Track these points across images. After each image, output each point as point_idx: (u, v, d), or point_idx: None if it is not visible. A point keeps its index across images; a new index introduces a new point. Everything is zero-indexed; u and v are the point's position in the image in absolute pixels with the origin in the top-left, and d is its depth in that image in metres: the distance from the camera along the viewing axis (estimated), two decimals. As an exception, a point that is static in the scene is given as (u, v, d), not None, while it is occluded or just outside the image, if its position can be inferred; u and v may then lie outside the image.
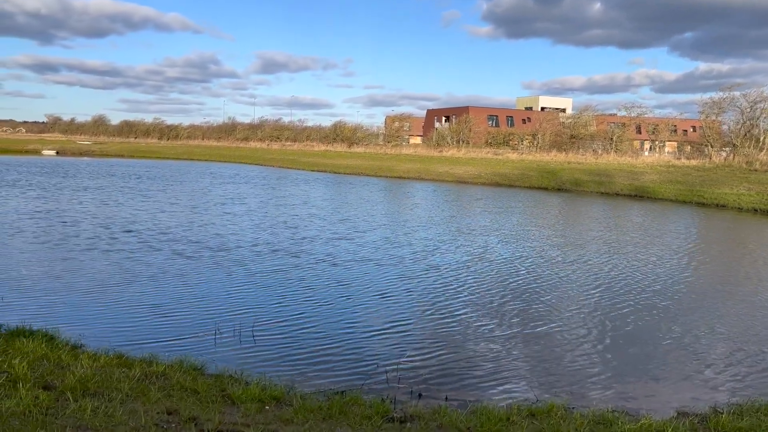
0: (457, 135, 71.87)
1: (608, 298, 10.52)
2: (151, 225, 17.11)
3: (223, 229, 16.79)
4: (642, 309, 9.92)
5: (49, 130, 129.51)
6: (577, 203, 29.49)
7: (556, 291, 11.00)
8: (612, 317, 9.37)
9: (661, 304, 10.23)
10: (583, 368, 7.26)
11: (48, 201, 22.20)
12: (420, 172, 45.72)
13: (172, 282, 10.57)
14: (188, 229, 16.50)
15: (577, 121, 64.38)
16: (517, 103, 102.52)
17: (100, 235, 14.96)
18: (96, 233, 15.26)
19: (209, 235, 15.72)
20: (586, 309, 9.83)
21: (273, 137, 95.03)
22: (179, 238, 15.04)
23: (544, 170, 41.67)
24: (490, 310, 9.60)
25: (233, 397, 5.26)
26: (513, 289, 10.99)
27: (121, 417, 4.32)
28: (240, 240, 15.08)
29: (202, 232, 16.21)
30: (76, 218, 17.84)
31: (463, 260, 13.51)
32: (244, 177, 41.16)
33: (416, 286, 10.97)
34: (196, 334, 7.88)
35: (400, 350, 7.61)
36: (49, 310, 8.69)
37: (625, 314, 9.57)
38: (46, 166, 45.24)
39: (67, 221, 17.16)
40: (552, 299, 10.40)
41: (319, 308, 9.33)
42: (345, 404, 5.31)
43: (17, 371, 5.02)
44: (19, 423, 3.92)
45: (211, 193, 28.46)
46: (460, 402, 6.06)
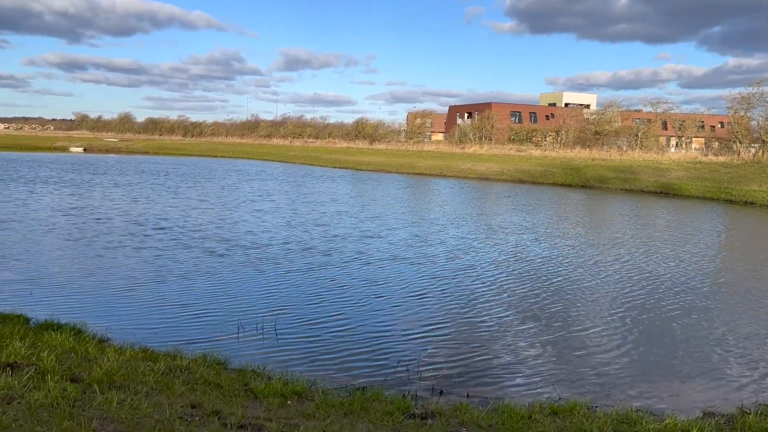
0: (479, 131, 71.44)
1: (636, 297, 10.39)
2: (183, 222, 17.21)
3: (254, 227, 16.78)
4: (670, 308, 9.77)
5: (76, 127, 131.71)
6: (604, 200, 29.12)
7: (583, 289, 10.89)
8: (639, 316, 9.25)
9: (690, 303, 10.07)
10: (608, 367, 7.18)
11: (81, 198, 22.55)
12: (442, 169, 45.56)
13: (199, 279, 10.65)
14: (219, 227, 16.53)
15: (602, 117, 63.50)
16: (541, 99, 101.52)
17: (132, 232, 15.10)
18: (128, 230, 15.41)
19: (240, 233, 15.70)
20: (612, 307, 9.72)
21: (295, 134, 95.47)
22: (210, 235, 15.10)
23: (568, 167, 41.24)
24: (513, 307, 9.54)
25: (256, 391, 5.30)
26: (539, 287, 10.90)
27: (146, 410, 4.38)
28: (272, 238, 15.01)
29: (233, 229, 16.24)
30: (108, 215, 18.07)
31: (493, 258, 13.44)
32: (270, 174, 41.37)
33: (442, 283, 10.95)
34: (220, 330, 7.96)
35: (422, 347, 7.60)
36: (76, 304, 8.85)
37: (652, 313, 9.44)
38: (76, 163, 46.00)
39: (100, 218, 17.37)
40: (578, 298, 10.30)
41: (343, 305, 9.36)
42: (366, 400, 5.32)
43: (45, 364, 5.12)
44: (47, 414, 4.00)
45: (239, 190, 28.58)
46: (481, 399, 6.04)
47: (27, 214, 17.57)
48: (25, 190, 24.21)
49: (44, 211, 18.40)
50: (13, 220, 16.35)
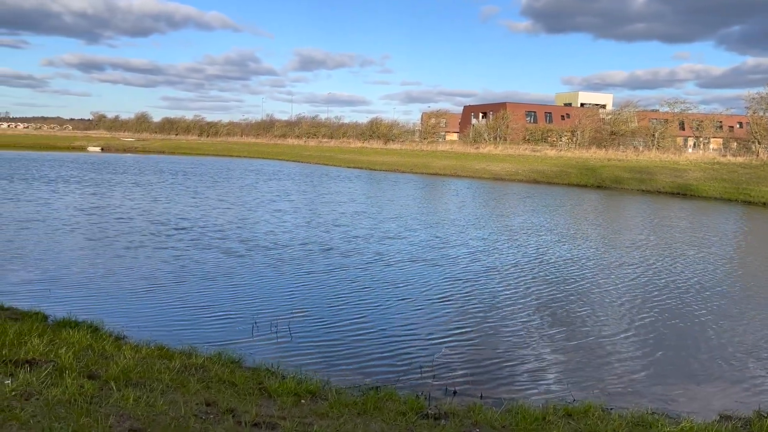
0: (494, 131, 71.20)
1: (653, 299, 10.29)
2: (203, 222, 17.23)
3: (274, 227, 16.76)
4: (688, 310, 9.68)
5: (94, 127, 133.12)
6: (621, 201, 28.88)
7: (600, 291, 10.81)
8: (656, 318, 9.17)
9: (709, 306, 9.97)
10: (624, 369, 7.12)
11: (102, 197, 22.77)
12: (456, 169, 45.45)
13: (217, 278, 10.69)
14: (240, 227, 16.51)
15: (618, 117, 62.99)
16: (556, 99, 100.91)
17: (152, 232, 15.17)
18: (148, 230, 15.48)
19: (260, 233, 15.66)
20: (629, 310, 9.64)
21: (310, 134, 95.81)
22: (230, 235, 15.10)
23: (584, 167, 40.96)
24: (528, 308, 9.50)
25: (270, 390, 5.33)
26: (556, 288, 10.85)
27: (161, 407, 4.42)
28: (292, 238, 14.92)
29: (253, 229, 16.23)
30: (129, 214, 18.19)
31: (514, 260, 13.39)
32: (286, 174, 41.46)
33: (459, 284, 10.93)
34: (235, 329, 8.02)
35: (436, 347, 7.60)
36: (94, 302, 8.95)
37: (669, 315, 9.35)
38: (96, 162, 46.49)
39: (122, 217, 17.49)
40: (595, 299, 10.23)
41: (359, 306, 9.38)
42: (379, 400, 5.33)
43: (63, 361, 5.19)
44: (65, 410, 4.06)
45: (258, 190, 28.66)
46: (495, 400, 6.02)
47: (49, 213, 17.75)
48: (47, 190, 24.49)
49: (66, 210, 18.59)
50: (35, 219, 16.52)
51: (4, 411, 3.85)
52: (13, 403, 4.03)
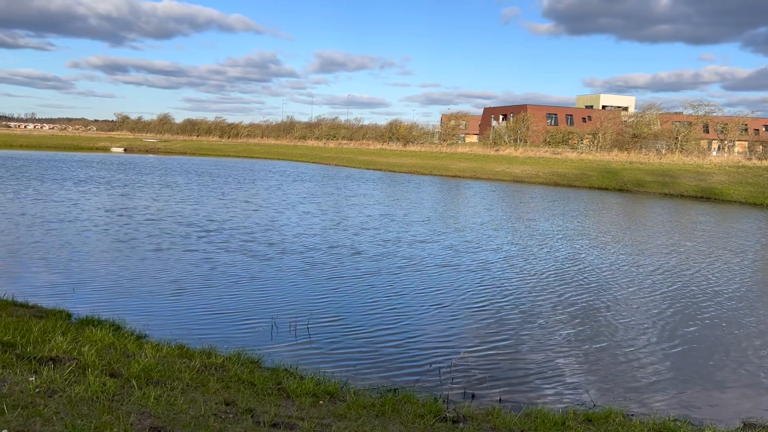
0: (514, 133, 70.83)
1: (679, 305, 10.14)
2: (231, 224, 17.10)
3: (303, 230, 16.55)
4: (713, 316, 9.53)
5: (117, 128, 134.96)
6: (647, 204, 28.46)
7: (625, 296, 10.69)
8: (680, 324, 9.04)
9: (734, 313, 9.80)
10: (646, 374, 7.03)
11: (132, 198, 22.94)
12: (476, 171, 45.28)
13: (242, 281, 10.63)
14: (268, 229, 16.34)
15: (641, 120, 62.28)
16: (578, 102, 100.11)
17: (180, 233, 15.14)
18: (174, 231, 15.45)
19: (289, 236, 15.44)
20: (653, 315, 9.51)
21: (329, 136, 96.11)
22: (258, 238, 14.93)
23: (605, 170, 40.55)
24: (549, 312, 9.43)
25: (288, 390, 5.35)
26: (579, 292, 10.75)
27: (181, 406, 4.46)
28: (320, 242, 14.71)
29: (282, 232, 16.08)
30: (158, 216, 18.23)
31: (544, 265, 13.31)
32: (310, 175, 41.42)
33: (481, 288, 10.89)
34: (254, 329, 8.06)
35: (454, 350, 7.57)
36: (116, 301, 9.07)
37: (694, 321, 9.22)
38: (122, 163, 47.00)
39: (151, 219, 17.51)
40: (619, 304, 10.11)
41: (379, 308, 9.38)
42: (398, 402, 5.32)
43: (86, 358, 5.26)
44: (87, 408, 4.11)
45: (283, 191, 28.56)
46: (514, 404, 5.98)
47: (79, 214, 17.87)
48: (77, 191, 24.74)
49: (95, 211, 18.67)
50: (64, 219, 16.63)
51: (28, 407, 3.92)
52: (36, 399, 4.10)
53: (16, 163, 40.54)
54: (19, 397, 4.07)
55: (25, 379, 4.48)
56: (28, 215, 17.11)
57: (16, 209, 18.32)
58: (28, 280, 10.10)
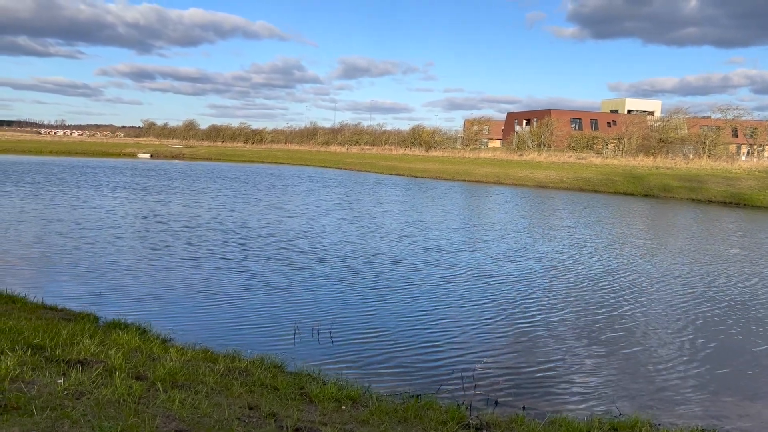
0: (538, 138, 70.31)
1: (708, 313, 9.93)
2: (267, 230, 16.93)
3: (340, 237, 16.37)
4: (743, 325, 9.33)
5: (144, 134, 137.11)
6: (680, 211, 27.84)
7: (657, 303, 10.50)
8: (709, 332, 8.86)
9: (764, 320, 9.59)
10: (673, 383, 6.91)
11: (166, 204, 23.13)
12: (499, 177, 45.03)
13: (280, 289, 10.49)
14: (303, 237, 16.08)
15: (667, 124, 61.39)
16: (602, 106, 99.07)
17: (213, 240, 15.07)
18: (209, 237, 15.36)
19: (325, 243, 15.17)
20: (682, 323, 9.33)
21: (352, 141, 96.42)
22: (295, 245, 14.71)
23: (630, 175, 40.04)
24: (577, 320, 9.32)
25: (311, 395, 5.36)
26: (610, 299, 10.62)
27: (206, 409, 4.50)
28: (358, 250, 14.43)
29: (318, 240, 15.81)
30: (195, 222, 18.16)
31: (585, 274, 13.18)
32: (339, 181, 41.34)
33: (508, 295, 10.82)
34: (279, 334, 8.11)
35: (477, 357, 7.52)
36: (142, 305, 9.19)
37: (723, 329, 9.03)
38: (154, 169, 47.54)
39: (188, 225, 17.49)
40: (649, 312, 9.95)
41: (404, 314, 9.37)
42: (420, 408, 5.30)
43: (113, 361, 5.34)
44: (114, 410, 4.17)
45: (316, 198, 28.25)
46: (537, 412, 5.92)
47: (115, 221, 17.90)
48: (113, 197, 25.00)
49: (130, 218, 18.71)
50: (103, 226, 16.64)
51: (56, 409, 3.99)
52: (65, 401, 4.17)
53: (52, 169, 41.30)
54: (48, 399, 4.15)
55: (54, 381, 4.56)
56: (64, 221, 17.30)
57: (53, 215, 18.57)
58: (58, 283, 10.30)
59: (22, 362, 4.91)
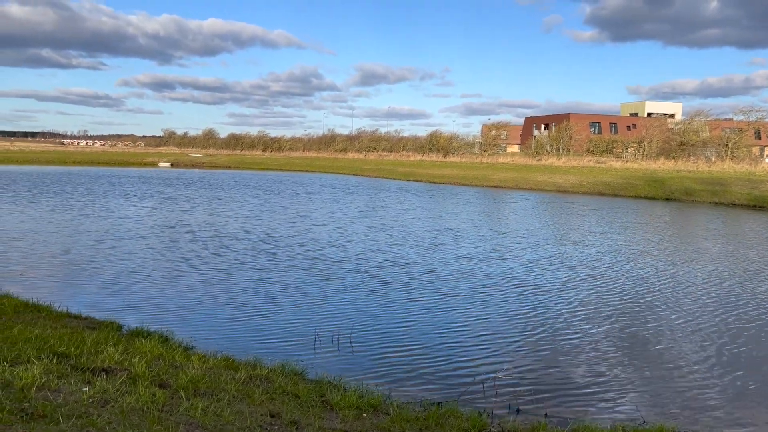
0: (556, 143, 69.89)
1: (736, 320, 9.72)
2: (299, 240, 16.68)
3: (370, 245, 16.05)
4: None
5: (164, 143, 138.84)
6: (708, 215, 27.28)
7: (683, 310, 10.31)
8: (737, 339, 8.69)
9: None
10: (699, 390, 6.80)
11: (194, 213, 23.10)
12: (517, 182, 44.80)
13: (306, 298, 10.37)
14: (333, 246, 15.76)
15: (688, 127, 60.62)
16: (622, 109, 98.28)
17: (239, 250, 14.89)
18: (236, 247, 15.17)
19: (352, 253, 14.73)
20: (709, 329, 9.14)
21: (370, 148, 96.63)
22: (325, 254, 14.47)
23: (651, 179, 39.61)
24: (606, 327, 9.22)
25: (332, 403, 5.38)
26: (636, 306, 10.50)
27: (228, 417, 4.53)
28: (388, 258, 14.07)
29: (346, 249, 15.44)
30: (223, 231, 18.01)
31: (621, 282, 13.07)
32: (362, 188, 41.04)
33: (531, 300, 10.76)
34: (298, 341, 8.13)
35: (498, 363, 7.47)
36: (164, 313, 9.27)
37: (752, 337, 8.87)
38: (180, 178, 47.69)
39: (217, 234, 17.31)
40: (675, 319, 9.79)
41: (426, 321, 9.36)
42: (441, 416, 5.29)
43: (136, 369, 5.40)
44: (138, 418, 4.22)
45: (342, 205, 27.90)
46: (560, 419, 5.86)
47: (141, 230, 17.89)
48: (141, 206, 25.08)
49: (157, 227, 18.64)
50: (133, 236, 16.64)
51: (82, 417, 4.04)
52: (90, 409, 4.23)
53: (79, 179, 41.82)
54: (74, 407, 4.21)
55: (79, 390, 4.62)
56: (93, 231, 17.35)
57: (81, 225, 18.70)
58: (83, 293, 10.43)
59: (48, 370, 4.99)
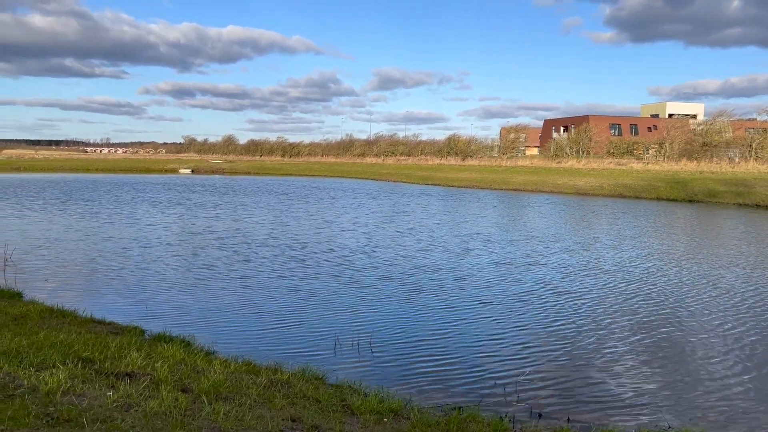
0: (576, 145, 69.34)
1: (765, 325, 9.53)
2: (328, 246, 16.55)
3: (400, 251, 15.92)
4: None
5: (185, 150, 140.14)
6: (735, 217, 26.83)
7: (710, 315, 10.17)
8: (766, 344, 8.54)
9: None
10: (725, 395, 6.68)
11: (221, 219, 23.18)
12: (537, 184, 44.52)
13: (337, 305, 10.28)
14: (363, 253, 15.46)
15: (711, 128, 59.74)
16: (642, 111, 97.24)
17: (263, 256, 14.79)
18: (261, 254, 15.02)
19: (382, 259, 14.48)
20: (740, 335, 8.96)
21: (388, 152, 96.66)
22: (352, 262, 14.21)
23: (673, 180, 39.11)
24: (633, 332, 9.12)
25: (353, 407, 5.38)
26: (660, 310, 10.37)
27: (250, 421, 4.56)
28: (419, 264, 13.90)
29: (375, 255, 15.19)
30: (251, 238, 17.93)
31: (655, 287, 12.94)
32: (385, 193, 40.89)
33: (555, 303, 10.68)
34: (319, 346, 8.15)
35: (520, 368, 7.41)
36: (186, 318, 9.35)
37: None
38: (201, 184, 48.20)
39: (244, 242, 17.17)
40: (701, 323, 9.65)
41: (446, 326, 9.33)
42: (462, 421, 5.26)
43: (159, 374, 5.45)
44: (161, 422, 4.26)
45: (367, 211, 27.63)
46: (583, 425, 5.80)
47: (167, 237, 17.94)
48: (169, 213, 25.27)
49: (185, 234, 18.67)
50: (161, 243, 16.65)
51: (106, 421, 4.09)
52: (114, 413, 4.28)
53: (104, 186, 42.28)
54: (98, 411, 4.26)
55: (104, 394, 4.68)
56: (121, 239, 17.48)
57: (109, 232, 18.91)
58: (107, 298, 10.56)
59: (74, 375, 5.06)
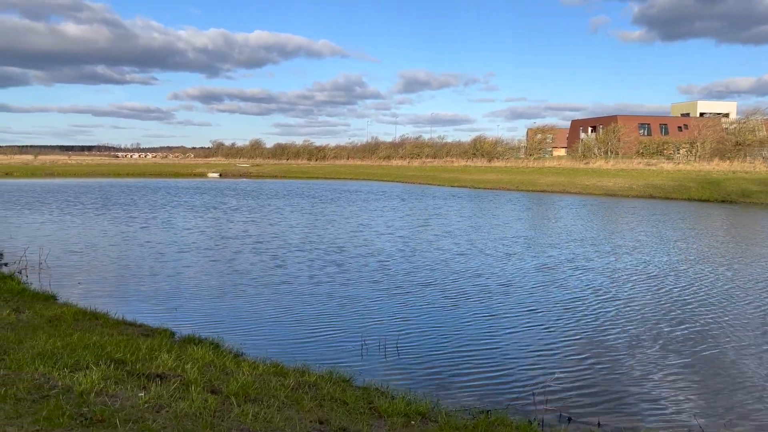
0: (604, 145, 68.40)
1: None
2: (366, 251, 16.33)
3: (439, 255, 15.68)
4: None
5: (213, 154, 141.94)
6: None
7: (744, 318, 9.97)
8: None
9: None
10: (758, 398, 6.52)
11: (256, 223, 23.31)
12: (565, 186, 44.04)
13: (371, 310, 10.19)
14: (402, 256, 15.38)
15: (744, 126, 58.39)
16: (672, 110, 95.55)
17: (300, 261, 14.62)
18: (305, 258, 14.94)
19: (421, 265, 14.13)
20: None
21: (413, 155, 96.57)
22: (390, 267, 13.92)
23: (705, 180, 38.33)
24: (669, 335, 8.97)
25: (380, 410, 5.38)
26: (693, 313, 10.18)
27: (278, 423, 4.59)
28: (458, 269, 13.62)
29: (413, 261, 14.85)
30: (286, 242, 17.92)
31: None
32: (416, 195, 40.61)
33: (587, 307, 10.56)
34: (345, 348, 8.18)
35: (549, 371, 7.34)
36: (215, 320, 9.47)
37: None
38: (230, 188, 48.61)
39: (282, 246, 17.03)
40: (735, 326, 9.44)
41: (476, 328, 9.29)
42: (490, 424, 5.22)
43: (189, 375, 5.53)
44: (191, 424, 4.31)
45: (402, 214, 27.28)
46: (613, 428, 5.72)
47: (204, 242, 17.97)
48: (207, 217, 25.40)
49: (220, 239, 18.61)
50: (186, 250, 16.51)
51: (138, 422, 4.16)
52: (145, 414, 4.35)
53: (139, 191, 42.71)
54: (130, 412, 4.34)
55: (135, 395, 4.76)
56: (159, 243, 17.62)
57: (144, 236, 19.14)
58: (139, 301, 10.75)
59: (106, 376, 5.16)
